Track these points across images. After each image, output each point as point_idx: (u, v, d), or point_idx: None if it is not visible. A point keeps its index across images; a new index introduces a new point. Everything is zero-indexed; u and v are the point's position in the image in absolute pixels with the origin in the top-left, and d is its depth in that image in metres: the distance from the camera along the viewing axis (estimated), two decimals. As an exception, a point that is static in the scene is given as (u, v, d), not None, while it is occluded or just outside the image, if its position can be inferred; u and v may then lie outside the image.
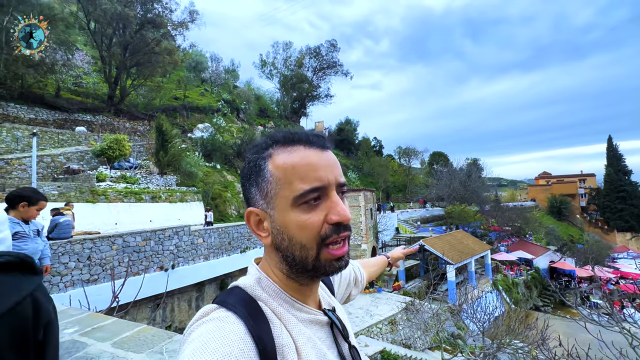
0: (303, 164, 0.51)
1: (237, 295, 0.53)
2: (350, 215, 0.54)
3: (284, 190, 0.51)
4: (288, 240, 0.52)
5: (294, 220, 0.51)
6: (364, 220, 18.62)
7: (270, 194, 0.52)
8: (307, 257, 0.51)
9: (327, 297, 0.67)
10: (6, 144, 15.34)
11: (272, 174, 0.52)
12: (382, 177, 39.53)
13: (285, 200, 0.51)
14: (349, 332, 0.62)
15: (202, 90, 35.66)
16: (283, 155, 0.53)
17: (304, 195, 0.50)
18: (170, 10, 25.35)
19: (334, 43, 48.55)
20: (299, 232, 0.51)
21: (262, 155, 0.54)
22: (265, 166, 0.53)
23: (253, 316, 0.48)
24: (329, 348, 0.56)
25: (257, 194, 0.54)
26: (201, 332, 0.44)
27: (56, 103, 20.70)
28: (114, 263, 8.11)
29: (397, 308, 12.91)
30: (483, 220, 32.41)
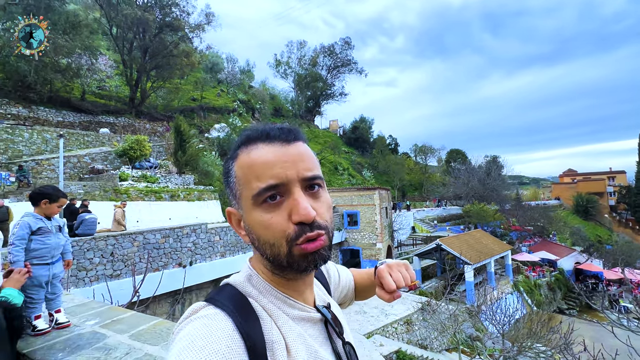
0: (259, 162, 0.50)
1: (227, 292, 0.53)
2: (313, 213, 0.49)
3: (245, 190, 0.51)
4: (257, 240, 0.52)
5: (257, 220, 0.50)
6: (379, 219, 18.44)
7: (237, 194, 0.53)
8: (278, 255, 0.50)
9: (322, 295, 0.67)
10: (37, 145, 16.20)
11: (236, 174, 0.52)
12: (398, 176, 39.00)
13: (247, 201, 0.51)
14: (344, 328, 0.61)
15: (219, 91, 36.34)
16: (243, 154, 0.52)
17: (260, 194, 0.49)
18: (187, 13, 25.95)
19: (348, 41, 48.25)
20: (264, 231, 0.50)
21: (232, 156, 0.55)
22: (232, 167, 0.53)
23: (242, 313, 0.48)
24: (321, 345, 0.55)
25: (230, 194, 0.55)
26: (188, 330, 0.44)
27: (82, 106, 21.67)
28: (135, 259, 8.42)
29: (413, 308, 12.73)
30: (503, 220, 31.41)
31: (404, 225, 24.31)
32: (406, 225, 25.50)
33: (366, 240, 18.60)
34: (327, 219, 0.53)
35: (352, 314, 12.44)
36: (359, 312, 12.60)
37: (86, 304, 2.75)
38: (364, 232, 18.70)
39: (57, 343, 1.92)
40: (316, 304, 0.60)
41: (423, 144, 49.38)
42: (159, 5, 24.20)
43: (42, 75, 18.97)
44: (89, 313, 2.48)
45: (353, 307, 13.09)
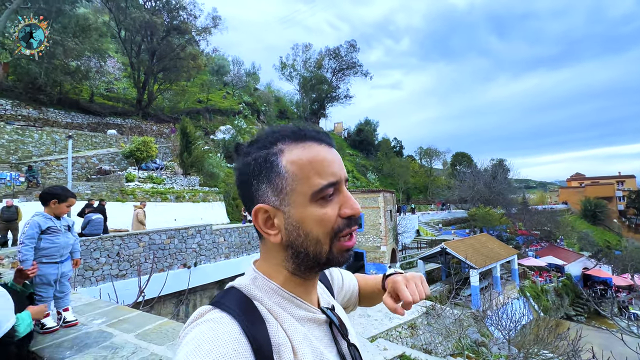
0: (318, 160, 0.52)
1: (232, 295, 0.53)
2: (360, 209, 0.55)
3: (301, 185, 0.51)
4: (304, 236, 0.52)
5: (312, 215, 0.51)
6: (383, 221, 18.36)
7: (285, 189, 0.51)
8: (321, 252, 0.52)
9: (326, 297, 0.67)
10: (46, 146, 16.47)
11: (287, 169, 0.51)
12: (403, 178, 38.85)
13: (302, 196, 0.51)
14: (348, 330, 0.62)
15: (224, 93, 36.62)
16: (297, 150, 0.52)
17: (322, 190, 0.51)
18: (194, 16, 26.26)
19: (354, 44, 48.34)
20: (316, 226, 0.51)
21: (272, 150, 0.53)
22: (279, 162, 0.52)
23: (248, 316, 0.48)
24: (327, 347, 0.55)
25: (269, 190, 0.53)
26: (195, 334, 0.44)
27: (90, 108, 22.00)
28: (140, 259, 8.49)
29: (418, 312, 12.61)
30: (509, 224, 31.08)
31: (409, 228, 24.18)
32: (411, 228, 25.35)
33: (370, 243, 18.52)
34: None
35: (355, 317, 12.38)
36: (363, 316, 12.53)
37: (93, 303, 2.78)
38: (368, 234, 18.63)
39: (65, 341, 1.95)
40: (321, 306, 0.61)
41: (428, 146, 49.22)
42: (166, 8, 24.53)
43: (52, 77, 19.30)
44: (96, 312, 2.50)
45: (357, 311, 13.01)
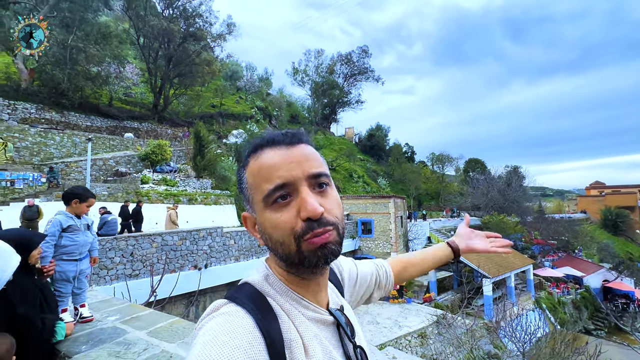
0: (266, 166, 0.53)
1: (246, 290, 0.54)
2: (320, 209, 0.51)
3: (256, 194, 0.54)
4: (269, 240, 0.54)
5: (268, 220, 0.53)
6: (394, 227, 18.18)
7: (249, 199, 0.56)
8: (289, 252, 0.52)
9: (335, 297, 0.67)
10: (66, 148, 17.09)
11: (247, 180, 0.56)
12: (414, 184, 38.42)
13: (258, 204, 0.54)
14: (356, 332, 0.62)
15: (237, 98, 37.25)
16: (252, 161, 0.56)
17: (270, 195, 0.52)
18: (210, 23, 26.95)
19: (366, 49, 48.49)
20: (273, 231, 0.52)
21: (243, 164, 0.58)
22: (243, 175, 0.57)
23: (261, 311, 0.50)
24: (334, 347, 0.56)
25: (244, 200, 0.59)
26: (211, 326, 0.46)
27: (109, 112, 22.75)
28: (153, 260, 8.66)
29: (428, 321, 12.37)
30: (524, 233, 30.21)
31: (420, 235, 23.83)
32: (421, 235, 24.98)
33: (380, 249, 18.34)
34: (337, 215, 0.54)
35: (364, 324, 12.24)
36: (372, 323, 12.37)
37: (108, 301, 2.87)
38: (378, 240, 18.46)
39: (81, 336, 2.02)
40: (329, 307, 0.61)
41: (440, 152, 48.59)
42: (183, 16, 25.28)
43: (75, 82, 20.10)
44: (110, 309, 2.58)
45: (366, 318, 12.87)
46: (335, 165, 34.57)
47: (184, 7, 25.23)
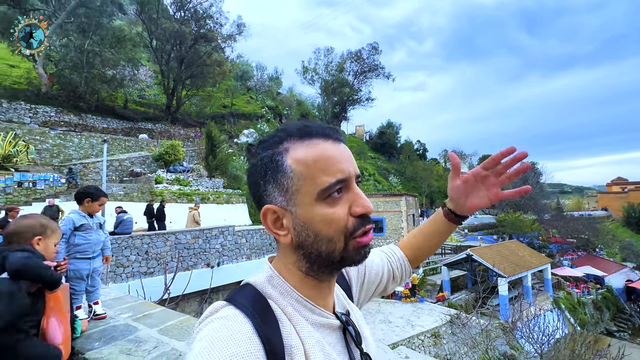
0: (325, 157, 0.50)
1: (247, 292, 0.52)
2: (372, 205, 0.52)
3: (307, 185, 0.49)
4: (314, 236, 0.50)
5: (319, 215, 0.49)
6: (406, 226, 17.98)
7: (291, 189, 0.50)
8: (334, 250, 0.50)
9: (342, 300, 0.64)
10: (84, 150, 17.64)
11: (293, 169, 0.50)
12: (426, 182, 37.90)
13: (308, 196, 0.49)
14: (364, 338, 0.59)
15: (248, 98, 37.57)
16: (302, 149, 0.50)
17: (329, 189, 0.49)
18: (220, 24, 27.23)
19: (376, 46, 48.01)
20: (325, 226, 0.49)
21: (278, 150, 0.51)
22: (284, 161, 0.50)
23: (262, 315, 0.47)
24: (339, 354, 0.53)
25: (275, 190, 0.51)
26: (208, 331, 0.44)
27: (124, 113, 23.34)
28: (167, 258, 8.84)
29: (441, 320, 12.18)
30: (542, 231, 29.36)
31: (432, 233, 23.49)
32: (434, 233, 24.64)
33: (392, 248, 18.21)
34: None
35: (376, 323, 12.17)
36: (384, 322, 12.29)
37: (121, 298, 2.93)
38: (389, 239, 18.30)
39: (94, 333, 2.06)
40: (335, 311, 0.58)
41: (453, 149, 47.75)
42: (194, 18, 25.63)
43: (91, 85, 20.69)
44: (123, 306, 2.63)
45: (378, 317, 12.79)
46: (345, 164, 34.48)
47: (195, 9, 25.58)
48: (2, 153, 12.44)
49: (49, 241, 1.40)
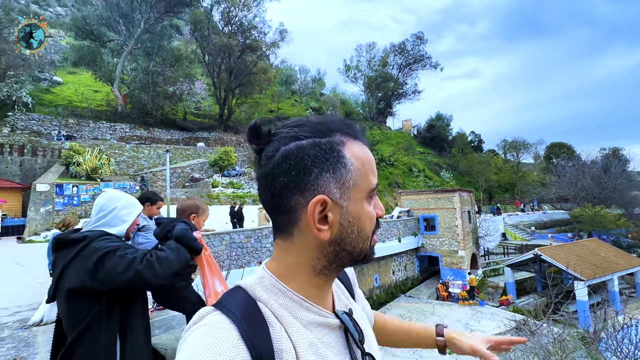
0: (371, 159, 0.52)
1: (236, 296, 0.50)
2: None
3: (362, 181, 0.49)
4: (357, 232, 0.50)
5: (367, 212, 0.51)
6: (460, 223, 16.81)
7: (348, 183, 0.48)
8: (364, 247, 0.52)
9: (343, 299, 0.63)
10: (153, 160, 19.87)
11: (353, 162, 0.49)
12: (483, 176, 34.98)
13: (362, 192, 0.50)
14: (366, 337, 0.58)
15: (293, 101, 38.70)
16: (356, 146, 0.51)
17: (374, 190, 0.52)
18: (264, 33, 28.54)
19: (420, 36, 45.79)
20: (369, 223, 0.51)
21: (335, 139, 0.49)
22: (345, 153, 0.49)
23: (249, 320, 0.45)
24: (339, 354, 0.52)
25: (332, 181, 0.48)
26: (193, 339, 0.43)
27: (184, 125, 25.76)
28: (223, 256, 9.53)
29: (504, 326, 11.16)
30: (631, 227, 25.09)
31: (492, 231, 21.58)
32: (494, 231, 22.61)
33: (446, 247, 17.16)
34: None
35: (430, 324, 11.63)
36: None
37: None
38: (443, 237, 17.31)
39: (156, 322, 2.32)
40: (336, 309, 0.57)
41: (514, 139, 43.32)
42: (240, 30, 27.22)
43: (156, 102, 23.24)
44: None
45: (432, 319, 12.20)
46: (393, 160, 33.47)
47: (241, 22, 27.14)
48: (91, 166, 14.63)
49: (199, 218, 1.80)
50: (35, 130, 19.22)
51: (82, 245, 1.26)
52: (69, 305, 1.24)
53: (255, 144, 0.53)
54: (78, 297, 1.22)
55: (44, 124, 19.88)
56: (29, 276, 6.31)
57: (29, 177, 14.48)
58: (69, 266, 1.25)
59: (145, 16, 23.41)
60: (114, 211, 1.43)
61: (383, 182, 28.50)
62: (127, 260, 1.22)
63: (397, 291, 15.32)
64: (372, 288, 14.10)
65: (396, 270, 16.01)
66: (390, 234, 15.60)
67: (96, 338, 1.21)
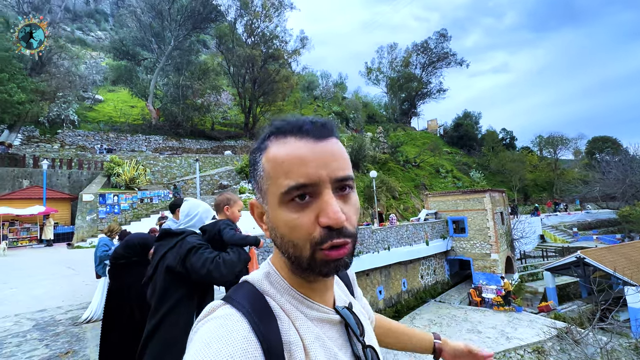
0: (290, 158, 0.46)
1: (244, 290, 0.51)
2: (343, 218, 0.46)
3: (272, 186, 0.48)
4: (280, 238, 0.49)
5: (283, 219, 0.47)
6: (492, 225, 16.04)
7: (263, 189, 0.50)
8: (300, 256, 0.48)
9: (342, 295, 0.63)
10: (184, 169, 20.93)
11: (264, 168, 0.49)
12: (517, 175, 33.14)
13: (274, 197, 0.48)
14: (365, 331, 0.59)
15: (315, 107, 39.09)
16: (274, 147, 0.49)
17: (289, 193, 0.46)
18: (285, 42, 29.23)
19: (444, 33, 44.70)
20: (288, 232, 0.47)
21: (260, 147, 0.51)
22: (260, 160, 0.50)
23: (259, 313, 0.47)
24: (341, 348, 0.53)
25: (255, 187, 0.52)
26: (204, 332, 0.43)
27: (212, 134, 26.92)
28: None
29: (544, 334, 10.48)
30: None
31: (528, 233, 20.38)
32: (531, 233, 21.32)
33: (477, 250, 16.44)
34: (355, 223, 0.50)
35: (463, 332, 11.17)
36: (472, 331, 11.19)
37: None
38: (474, 240, 16.61)
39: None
40: (336, 305, 0.57)
41: (550, 134, 40.75)
42: (262, 40, 28.09)
43: (186, 114, 24.51)
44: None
45: (465, 325, 11.72)
46: (418, 162, 32.71)
47: (263, 33, 28.02)
48: (129, 176, 15.71)
49: (233, 209, 1.98)
50: (81, 145, 20.99)
51: (181, 238, 1.64)
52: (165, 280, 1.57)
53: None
54: (172, 275, 1.56)
55: (88, 139, 21.67)
56: (78, 278, 6.90)
57: (75, 188, 15.82)
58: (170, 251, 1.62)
59: (174, 34, 24.91)
60: (197, 216, 1.81)
61: (409, 184, 27.89)
62: (203, 259, 1.51)
63: (426, 296, 14.87)
64: (400, 292, 13.81)
65: (425, 274, 15.57)
66: (418, 237, 15.23)
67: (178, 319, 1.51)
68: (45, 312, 4.65)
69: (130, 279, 2.71)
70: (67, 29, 39.18)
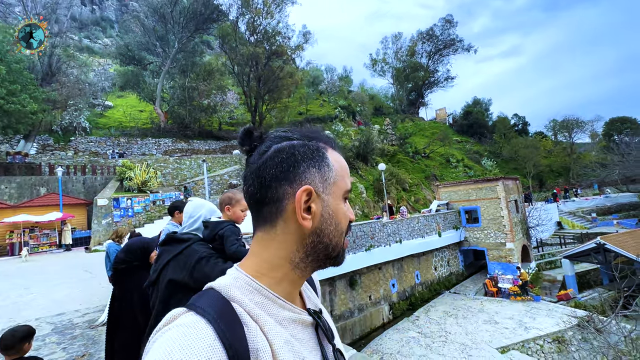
0: (346, 167, 0.60)
1: (209, 297, 0.49)
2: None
3: (341, 182, 0.57)
4: (334, 226, 0.55)
5: (342, 209, 0.57)
6: (507, 214, 15.67)
7: (329, 180, 0.56)
8: (338, 244, 0.56)
9: (313, 298, 0.64)
10: (194, 170, 21.18)
11: (333, 164, 0.57)
12: (531, 161, 32.24)
13: (340, 191, 0.57)
14: (334, 334, 0.61)
15: (321, 102, 38.84)
16: (335, 153, 0.59)
17: (348, 192, 0.59)
18: (288, 38, 29.01)
19: (450, 19, 43.56)
20: (343, 219, 0.57)
21: (319, 144, 0.58)
22: (327, 155, 0.57)
23: (224, 319, 0.45)
24: (311, 350, 0.53)
25: (317, 176, 0.54)
26: (165, 340, 0.41)
27: (219, 135, 27.11)
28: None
29: (564, 323, 10.23)
30: None
31: (544, 220, 19.82)
32: (547, 220, 20.74)
33: (492, 240, 16.12)
34: None
35: (479, 323, 11.00)
36: (489, 322, 11.02)
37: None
38: (487, 230, 16.28)
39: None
40: (307, 307, 0.59)
41: (564, 117, 39.39)
42: (265, 37, 27.96)
43: (193, 115, 24.72)
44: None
45: (481, 316, 11.55)
46: (428, 152, 32.19)
47: (265, 30, 27.89)
48: (141, 180, 15.99)
49: (235, 208, 1.91)
50: (94, 151, 21.48)
51: (187, 245, 1.58)
52: (167, 293, 1.51)
53: (247, 146, 0.58)
54: (175, 288, 1.50)
55: (100, 145, 22.15)
56: (95, 282, 7.09)
57: (90, 193, 16.23)
58: (174, 259, 1.55)
59: (178, 36, 25.06)
60: (200, 217, 1.77)
61: (419, 175, 27.48)
62: (219, 269, 1.46)
63: (440, 287, 14.70)
64: (414, 285, 13.69)
65: (438, 265, 15.37)
66: (430, 228, 15.01)
67: None
68: (63, 315, 4.78)
69: (132, 284, 2.72)
70: (74, 37, 39.97)
